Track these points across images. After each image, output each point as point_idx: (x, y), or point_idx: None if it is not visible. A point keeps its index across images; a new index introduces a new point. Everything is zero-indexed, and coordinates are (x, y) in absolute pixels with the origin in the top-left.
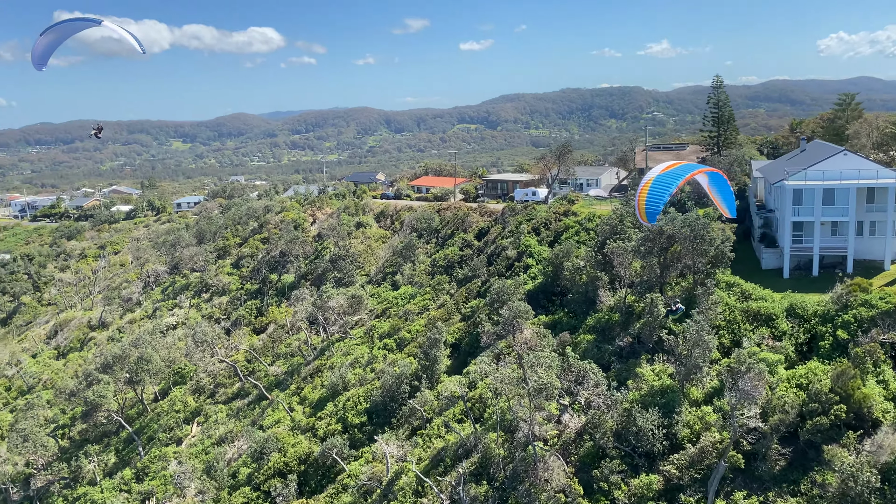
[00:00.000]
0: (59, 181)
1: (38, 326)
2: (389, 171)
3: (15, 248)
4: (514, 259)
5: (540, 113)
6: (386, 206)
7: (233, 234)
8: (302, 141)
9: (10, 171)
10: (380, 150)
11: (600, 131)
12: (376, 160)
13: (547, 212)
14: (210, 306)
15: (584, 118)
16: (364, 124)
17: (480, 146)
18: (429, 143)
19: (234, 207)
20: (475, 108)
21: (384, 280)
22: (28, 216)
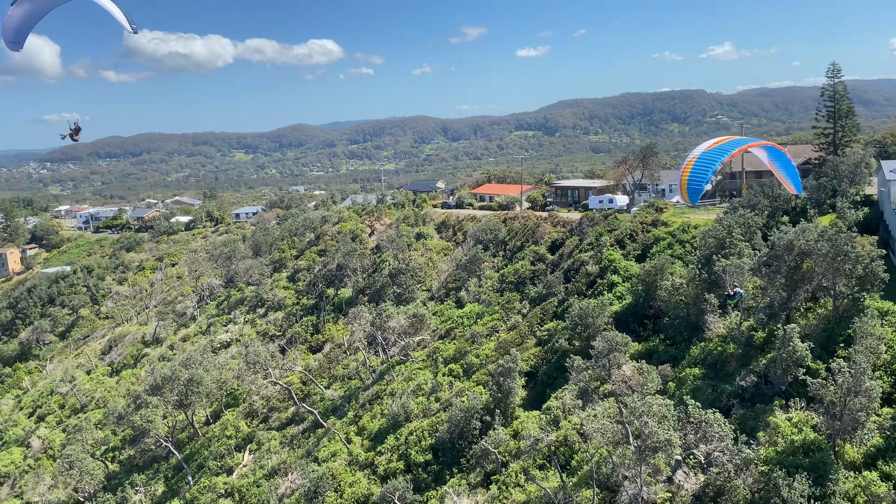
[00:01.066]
0: (127, 192)
1: (95, 340)
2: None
3: (77, 259)
4: (596, 275)
5: (599, 118)
6: (447, 215)
7: (289, 245)
8: (360, 150)
9: (82, 183)
10: (436, 159)
11: (662, 136)
12: (433, 168)
13: (632, 222)
14: (265, 322)
15: (645, 123)
16: (421, 133)
17: (538, 153)
18: (486, 150)
19: (290, 218)
20: (532, 115)
21: (447, 296)
22: (91, 227)
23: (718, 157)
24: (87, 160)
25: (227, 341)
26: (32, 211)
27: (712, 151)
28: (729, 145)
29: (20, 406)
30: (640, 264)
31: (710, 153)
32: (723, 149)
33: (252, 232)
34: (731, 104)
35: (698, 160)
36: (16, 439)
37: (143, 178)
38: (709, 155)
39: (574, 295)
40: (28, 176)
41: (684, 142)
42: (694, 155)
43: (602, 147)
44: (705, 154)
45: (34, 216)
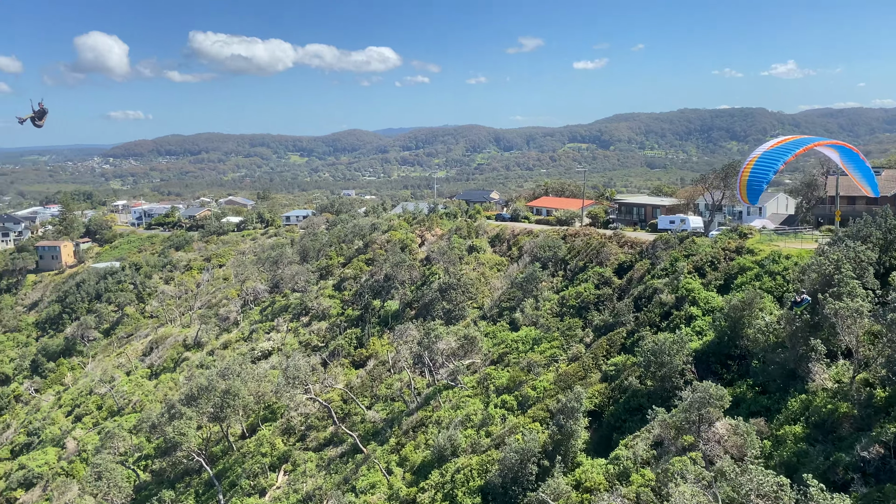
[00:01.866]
0: (184, 190)
1: (137, 340)
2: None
3: (128, 255)
4: (672, 306)
5: (655, 133)
6: (502, 228)
7: (337, 252)
8: (412, 157)
9: (142, 179)
10: (488, 168)
11: (720, 153)
12: (484, 177)
13: (712, 247)
14: (308, 332)
15: (703, 140)
16: (473, 141)
17: (592, 166)
18: (538, 161)
19: (339, 224)
20: (587, 127)
21: (500, 317)
22: (143, 224)
23: (782, 156)
24: (148, 157)
25: (269, 350)
26: (91, 204)
27: (775, 150)
28: (793, 144)
29: (59, 403)
30: (724, 296)
31: (772, 152)
32: (787, 148)
33: (300, 236)
34: (794, 124)
35: (760, 159)
36: (52, 438)
37: (201, 177)
38: (771, 154)
39: (646, 326)
40: (91, 170)
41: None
42: (755, 154)
43: (658, 162)
44: (767, 153)
45: (92, 209)
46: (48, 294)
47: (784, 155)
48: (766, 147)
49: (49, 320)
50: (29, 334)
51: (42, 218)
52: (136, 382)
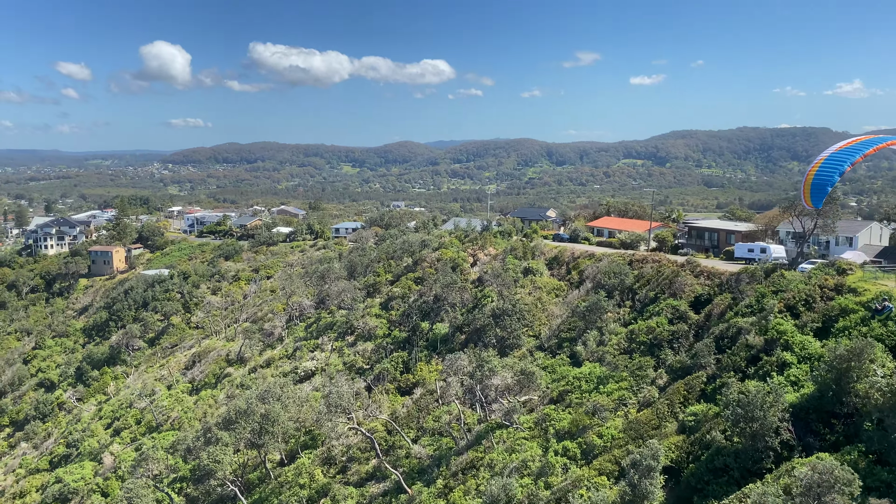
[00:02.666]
0: (238, 197)
1: (181, 351)
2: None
3: (178, 262)
4: (761, 349)
5: (713, 151)
6: (560, 250)
7: (385, 269)
8: (462, 170)
9: (199, 186)
10: (539, 182)
11: (780, 174)
12: (535, 192)
13: (807, 284)
14: (353, 352)
15: (763, 159)
16: (525, 155)
17: (647, 182)
18: (591, 176)
19: (389, 239)
20: (642, 143)
21: (559, 348)
22: (195, 231)
23: (850, 156)
24: (206, 164)
25: (312, 370)
26: (147, 209)
27: (843, 151)
28: (863, 144)
29: (100, 415)
30: (823, 342)
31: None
32: (855, 148)
33: (349, 250)
34: None
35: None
36: (90, 452)
37: (256, 185)
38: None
39: (729, 371)
40: (150, 175)
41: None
42: (823, 155)
43: (715, 181)
44: (835, 154)
45: (148, 214)
46: (98, 299)
47: (853, 155)
48: (835, 148)
49: (96, 327)
50: (76, 340)
51: (97, 222)
52: (177, 397)
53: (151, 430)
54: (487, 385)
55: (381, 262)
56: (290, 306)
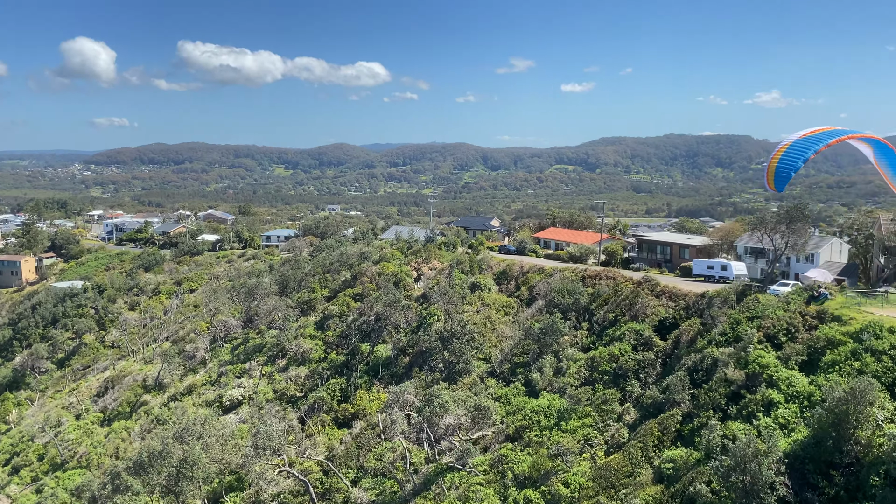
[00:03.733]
0: (165, 200)
1: (94, 374)
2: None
3: (94, 273)
4: (742, 385)
5: (641, 157)
6: (509, 263)
7: (321, 284)
8: (399, 173)
9: (123, 188)
10: (475, 187)
11: (705, 179)
12: (471, 196)
13: (788, 311)
14: (285, 378)
15: (688, 165)
16: (461, 160)
17: (578, 188)
18: (525, 182)
19: (325, 251)
20: (574, 150)
21: (513, 375)
22: (114, 239)
23: (814, 144)
24: (131, 165)
25: (239, 399)
26: (66, 213)
27: (807, 139)
28: (826, 135)
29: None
30: (809, 377)
31: (804, 141)
32: (819, 137)
33: (281, 262)
34: None
35: (791, 146)
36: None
37: (183, 187)
38: (802, 143)
39: (708, 410)
40: (71, 177)
41: (728, 187)
42: (787, 142)
43: (643, 187)
44: (799, 141)
45: (66, 219)
46: (2, 315)
47: (816, 144)
48: (798, 135)
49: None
50: None
51: (7, 228)
52: (86, 429)
53: (56, 467)
54: (436, 424)
55: (316, 275)
56: (214, 325)
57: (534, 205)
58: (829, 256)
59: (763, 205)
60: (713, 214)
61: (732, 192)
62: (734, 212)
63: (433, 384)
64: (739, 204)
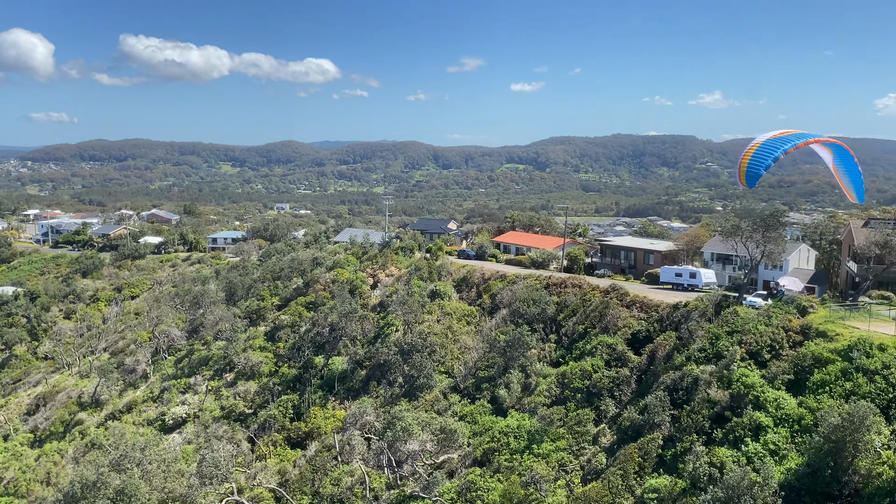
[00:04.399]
0: (107, 198)
1: (25, 388)
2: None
3: (28, 278)
4: (726, 406)
5: (590, 157)
6: (469, 270)
7: (271, 291)
8: (349, 171)
9: (62, 186)
10: (427, 185)
11: (652, 179)
12: (423, 195)
13: (770, 326)
14: (233, 394)
15: (635, 165)
16: (412, 158)
17: (529, 187)
18: (476, 180)
19: (275, 255)
20: (524, 149)
21: (478, 390)
22: (50, 241)
23: (783, 144)
24: (71, 161)
25: (183, 417)
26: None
27: (776, 140)
28: (794, 136)
29: None
30: (797, 398)
31: (773, 141)
32: (788, 139)
33: (228, 266)
34: (721, 152)
35: (762, 146)
36: None
37: (126, 185)
38: (772, 143)
39: (692, 433)
40: (7, 174)
41: (674, 186)
42: (757, 141)
43: (592, 186)
44: (769, 141)
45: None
46: None
47: (785, 144)
48: (769, 136)
49: None
50: None
51: None
52: (14, 452)
53: None
54: (398, 450)
55: (266, 282)
56: (157, 336)
57: (486, 204)
58: (797, 263)
59: (708, 203)
60: (660, 213)
61: (678, 191)
62: (680, 210)
63: (392, 400)
64: (685, 203)
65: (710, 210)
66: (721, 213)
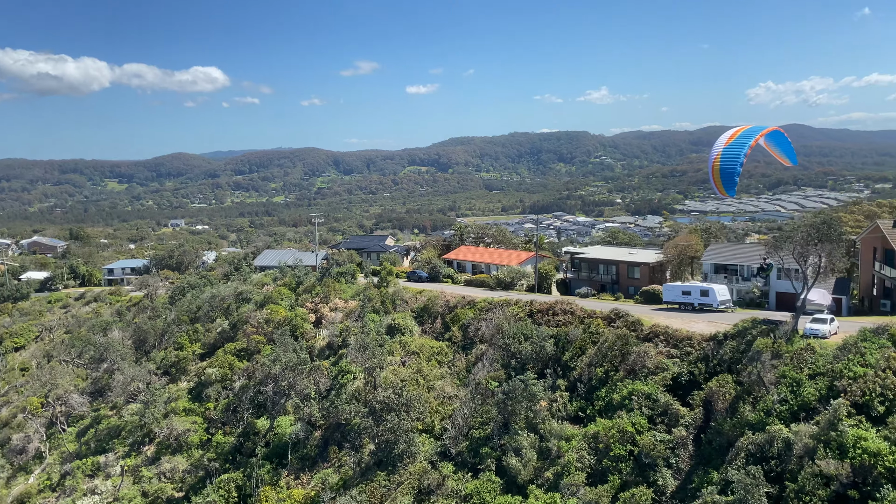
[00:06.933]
0: None
1: None
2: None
3: None
4: (847, 483)
5: (490, 156)
6: (430, 297)
7: (190, 338)
8: (246, 182)
9: None
10: (329, 192)
11: (551, 175)
12: (326, 202)
13: (870, 367)
14: (157, 474)
15: (534, 162)
16: (311, 165)
17: (433, 189)
18: (380, 185)
19: (189, 291)
20: (425, 151)
21: (476, 456)
22: None
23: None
24: None
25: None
26: None
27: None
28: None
29: None
30: None
31: (735, 143)
32: (742, 142)
33: (130, 306)
34: (613, 146)
35: (727, 149)
36: None
37: (2, 209)
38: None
39: None
40: None
41: (573, 181)
42: (717, 151)
43: (495, 184)
44: (732, 144)
45: None
46: None
47: (747, 140)
48: (725, 140)
49: None
50: None
51: None
52: None
53: None
54: None
55: (182, 325)
56: (52, 402)
57: (392, 208)
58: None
59: (607, 196)
60: (564, 209)
61: (577, 185)
62: (583, 205)
63: (365, 472)
64: (586, 197)
65: (611, 203)
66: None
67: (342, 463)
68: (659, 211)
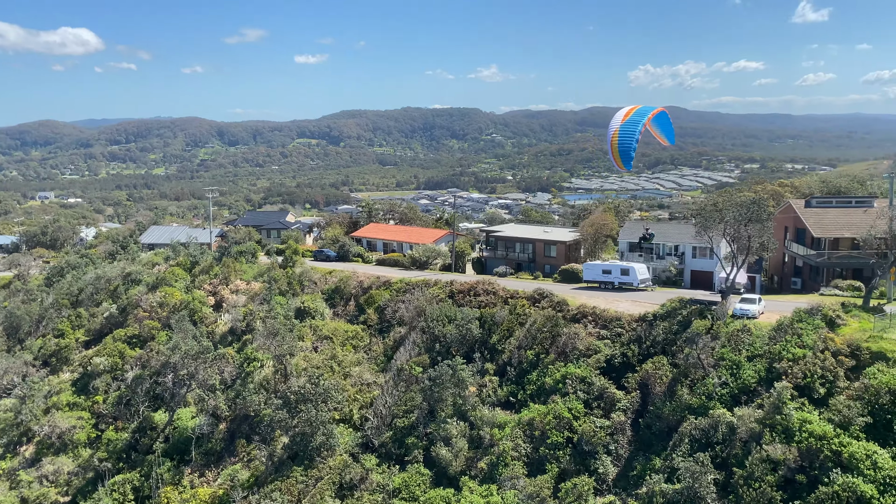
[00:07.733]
0: None
1: None
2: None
3: None
4: (795, 467)
5: (383, 130)
6: (341, 278)
7: (72, 324)
8: (122, 152)
9: None
10: (213, 164)
11: (444, 151)
12: (210, 175)
13: (807, 348)
14: (38, 477)
15: (427, 137)
16: (193, 135)
17: (325, 162)
18: (268, 157)
19: (69, 272)
20: (315, 123)
21: (402, 447)
22: None
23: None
24: None
25: None
26: None
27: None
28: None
29: None
30: (889, 449)
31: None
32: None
33: (4, 296)
34: (504, 124)
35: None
36: None
37: None
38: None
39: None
40: None
41: (466, 158)
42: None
43: (388, 159)
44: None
45: None
46: None
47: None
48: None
49: None
50: None
51: None
52: None
53: None
54: None
55: (63, 310)
56: None
57: (282, 182)
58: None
59: (499, 173)
60: (458, 185)
61: (470, 162)
62: (476, 181)
63: (279, 467)
64: (479, 174)
65: (503, 179)
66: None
67: (252, 457)
68: (548, 188)
